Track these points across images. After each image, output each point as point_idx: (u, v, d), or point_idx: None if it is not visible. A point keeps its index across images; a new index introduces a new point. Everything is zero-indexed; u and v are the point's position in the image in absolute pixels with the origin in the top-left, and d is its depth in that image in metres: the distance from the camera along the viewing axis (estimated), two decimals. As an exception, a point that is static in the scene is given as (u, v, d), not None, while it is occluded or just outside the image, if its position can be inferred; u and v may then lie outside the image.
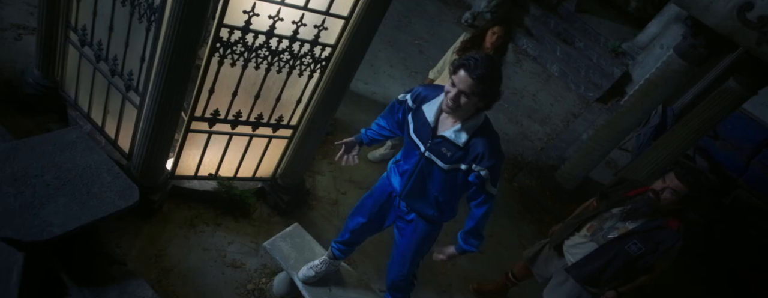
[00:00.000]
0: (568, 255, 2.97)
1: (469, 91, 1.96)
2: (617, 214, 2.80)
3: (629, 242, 2.70)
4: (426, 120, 2.15)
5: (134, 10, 2.54)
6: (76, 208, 1.72)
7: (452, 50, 3.72)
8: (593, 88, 7.35)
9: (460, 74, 1.97)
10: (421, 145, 2.19)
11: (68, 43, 2.95)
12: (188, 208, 3.13)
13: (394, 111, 2.39)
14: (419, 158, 2.22)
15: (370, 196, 2.56)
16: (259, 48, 2.64)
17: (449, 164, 2.14)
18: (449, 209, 2.40)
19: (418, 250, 2.52)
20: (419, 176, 2.27)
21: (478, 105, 2.03)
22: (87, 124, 3.11)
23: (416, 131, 2.20)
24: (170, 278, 2.68)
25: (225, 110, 2.88)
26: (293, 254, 2.74)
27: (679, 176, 2.54)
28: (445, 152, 2.12)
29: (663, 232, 2.64)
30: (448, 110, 2.02)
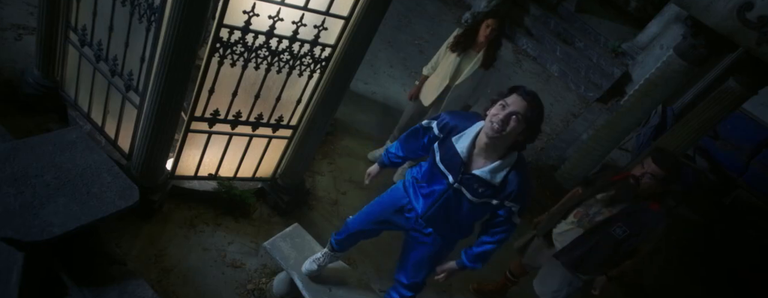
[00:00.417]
0: (557, 243, 3.04)
1: (521, 114, 1.94)
2: (601, 199, 2.86)
3: (614, 225, 2.80)
4: (456, 153, 2.10)
5: (134, 10, 2.54)
6: (76, 208, 1.72)
7: (446, 45, 3.72)
8: (593, 88, 7.35)
9: (513, 97, 1.98)
10: (449, 176, 2.15)
11: (68, 43, 2.95)
12: (188, 208, 3.13)
13: (418, 136, 2.37)
14: (446, 188, 2.18)
15: (378, 204, 2.52)
16: (259, 48, 2.64)
17: (479, 198, 2.13)
18: (468, 229, 2.42)
19: (433, 261, 2.50)
20: (445, 203, 2.24)
21: (519, 137, 2.02)
22: (87, 125, 3.12)
23: (444, 161, 2.16)
24: (170, 278, 2.68)
25: (225, 110, 2.88)
26: (293, 254, 2.74)
27: (656, 161, 2.65)
28: (477, 187, 2.10)
29: (646, 214, 2.74)
30: (494, 134, 1.96)
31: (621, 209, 2.80)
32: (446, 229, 2.36)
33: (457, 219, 2.28)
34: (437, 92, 3.75)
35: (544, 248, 3.16)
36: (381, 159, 2.58)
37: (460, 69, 3.65)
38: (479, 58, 3.60)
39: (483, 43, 3.56)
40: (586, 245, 2.89)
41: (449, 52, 3.66)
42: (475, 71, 3.63)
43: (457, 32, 3.67)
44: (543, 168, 5.39)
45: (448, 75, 3.66)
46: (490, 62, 3.63)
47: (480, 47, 3.59)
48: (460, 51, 3.61)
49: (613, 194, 2.84)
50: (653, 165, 2.65)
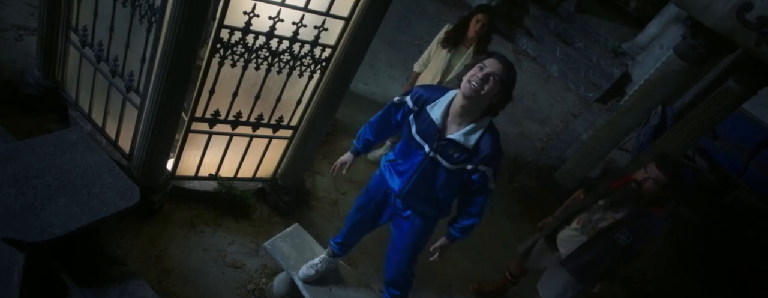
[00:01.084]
0: (561, 249, 3.04)
1: (498, 75, 2.04)
2: (604, 205, 2.87)
3: (618, 231, 2.80)
4: (432, 121, 2.17)
5: (135, 11, 2.55)
6: (76, 209, 1.73)
7: (436, 41, 3.73)
8: (593, 88, 7.35)
9: (490, 60, 2.08)
10: (425, 145, 2.21)
11: (69, 44, 2.96)
12: (189, 208, 3.13)
13: (390, 113, 2.42)
14: (423, 158, 2.24)
15: (365, 194, 2.58)
16: (259, 49, 2.64)
17: (455, 164, 2.18)
18: (446, 206, 2.45)
19: (415, 246, 2.54)
20: (421, 175, 2.29)
21: (493, 100, 2.10)
22: (87, 125, 3.12)
23: (420, 132, 2.22)
24: (170, 279, 2.69)
25: (225, 111, 2.89)
26: (293, 254, 2.75)
27: (659, 167, 2.64)
28: (452, 153, 2.16)
29: (650, 219, 2.76)
30: (473, 93, 2.04)
31: (624, 215, 2.80)
32: (424, 205, 2.40)
33: (434, 193, 2.32)
34: None
35: (547, 252, 3.16)
36: (353, 145, 2.61)
37: (451, 65, 3.68)
38: (470, 53, 3.63)
39: (473, 39, 3.59)
40: (592, 252, 2.88)
41: (440, 48, 3.68)
42: (466, 66, 3.65)
43: (447, 28, 3.68)
44: (543, 168, 5.39)
45: (439, 71, 3.69)
46: None
47: (470, 43, 3.62)
48: (450, 47, 3.64)
49: (616, 199, 2.84)
50: (656, 171, 2.65)
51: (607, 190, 2.94)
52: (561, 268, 3.06)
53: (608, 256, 2.87)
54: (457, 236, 2.41)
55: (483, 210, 2.33)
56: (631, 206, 2.80)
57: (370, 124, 2.54)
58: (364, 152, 2.65)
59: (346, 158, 2.65)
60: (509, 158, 5.39)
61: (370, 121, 2.55)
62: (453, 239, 2.44)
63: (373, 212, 2.57)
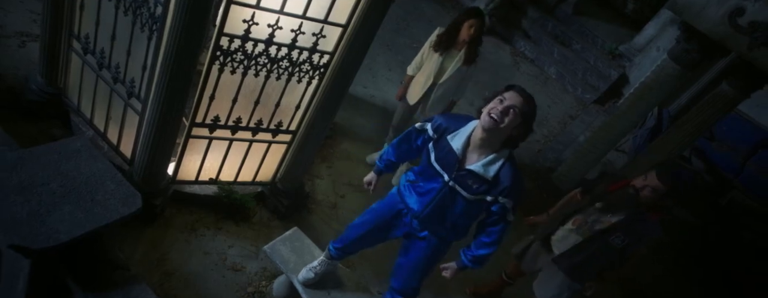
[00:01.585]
0: (555, 249, 3.10)
1: (518, 107, 2.05)
2: (600, 208, 2.91)
3: (613, 234, 2.85)
4: (451, 150, 2.18)
5: (136, 20, 2.59)
6: (81, 215, 1.78)
7: (428, 44, 3.80)
8: (590, 90, 7.40)
9: (510, 93, 2.09)
10: (444, 174, 2.22)
11: (71, 51, 3.01)
12: (189, 212, 3.18)
13: (411, 139, 2.45)
14: (442, 186, 2.25)
15: (375, 211, 2.58)
16: (258, 56, 2.69)
17: (474, 195, 2.19)
18: (463, 231, 2.48)
19: (429, 264, 2.56)
20: (440, 202, 2.30)
21: (513, 132, 2.11)
22: (90, 130, 3.17)
23: (439, 160, 2.24)
24: (172, 282, 2.74)
25: (225, 116, 2.93)
26: (293, 257, 2.80)
27: (659, 176, 2.68)
28: (471, 183, 2.17)
29: (645, 224, 2.80)
30: (493, 126, 2.05)
31: (620, 219, 2.84)
32: (441, 230, 2.42)
33: (452, 219, 2.34)
34: (423, 91, 3.86)
35: (543, 253, 3.21)
36: (377, 166, 2.65)
37: (443, 67, 3.75)
38: (461, 56, 3.70)
39: (464, 42, 3.64)
40: (585, 253, 2.94)
41: (432, 51, 3.74)
42: (458, 68, 3.73)
43: (438, 32, 3.74)
44: (540, 170, 5.44)
45: (432, 74, 3.76)
46: (472, 59, 3.73)
47: (461, 45, 3.68)
48: (442, 50, 3.70)
49: (613, 202, 2.88)
50: (656, 180, 2.68)
51: (605, 193, 2.99)
52: (556, 269, 3.11)
53: (602, 257, 2.93)
54: (469, 265, 2.40)
55: (500, 240, 2.32)
56: (627, 211, 2.84)
57: (393, 145, 2.57)
58: (388, 171, 2.67)
59: (369, 178, 2.68)
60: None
61: (392, 143, 2.58)
62: (464, 268, 2.43)
63: (384, 227, 2.56)
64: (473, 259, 2.38)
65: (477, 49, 3.73)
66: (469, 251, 2.40)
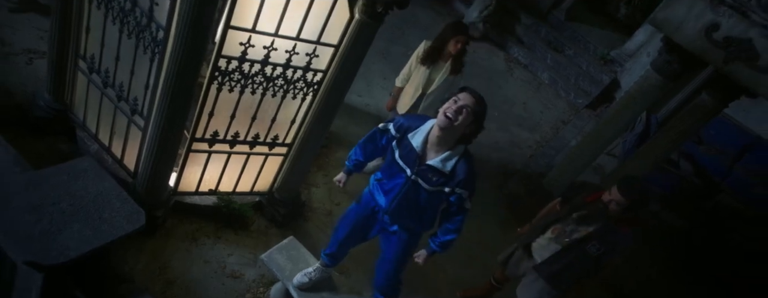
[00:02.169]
0: (536, 256, 3.26)
1: (470, 107, 2.25)
2: (577, 218, 3.09)
3: (589, 243, 3.02)
4: (412, 148, 2.39)
5: (139, 43, 2.74)
6: (89, 233, 1.92)
7: (415, 57, 3.96)
8: (582, 95, 7.54)
9: (463, 94, 2.30)
10: (407, 169, 2.43)
11: (77, 70, 3.16)
12: (190, 222, 3.33)
13: (376, 139, 2.64)
14: (405, 181, 2.46)
15: (353, 210, 2.80)
16: (254, 75, 2.84)
17: (434, 186, 2.41)
18: (429, 221, 2.68)
19: (402, 257, 2.77)
20: (405, 196, 2.52)
21: (466, 130, 2.31)
22: (95, 145, 3.32)
23: (402, 157, 2.44)
24: (174, 290, 2.89)
25: (224, 131, 3.09)
26: (289, 265, 2.95)
27: (620, 190, 2.85)
28: (431, 177, 2.38)
29: (618, 235, 2.97)
30: (448, 124, 2.25)
31: (595, 229, 3.01)
32: (409, 222, 2.63)
33: (417, 210, 2.55)
34: (412, 101, 4.03)
35: (525, 259, 3.37)
36: (346, 165, 2.83)
37: (430, 79, 3.92)
38: (447, 67, 3.86)
39: (449, 55, 3.80)
40: (564, 260, 3.10)
41: (419, 65, 3.90)
42: (445, 79, 3.89)
43: (424, 45, 3.90)
44: (532, 176, 5.58)
45: (420, 85, 3.93)
46: (458, 68, 3.90)
47: (448, 57, 3.85)
48: (429, 63, 3.85)
49: (586, 214, 3.06)
50: (618, 194, 2.86)
51: (582, 203, 3.15)
52: (537, 275, 3.26)
53: (579, 265, 3.09)
54: (436, 249, 2.64)
55: (461, 227, 2.55)
56: (600, 222, 3.01)
57: (359, 146, 2.75)
58: (356, 171, 2.84)
59: (340, 177, 2.86)
60: (499, 165, 5.59)
61: (359, 143, 2.75)
62: (432, 253, 2.67)
63: (362, 227, 2.78)
64: (440, 244, 2.62)
65: (462, 60, 3.91)
66: (436, 238, 2.64)
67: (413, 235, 2.72)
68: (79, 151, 3.34)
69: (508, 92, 6.95)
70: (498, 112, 6.38)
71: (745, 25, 3.49)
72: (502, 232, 4.78)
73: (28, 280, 1.92)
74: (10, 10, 3.91)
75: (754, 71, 3.53)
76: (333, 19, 2.77)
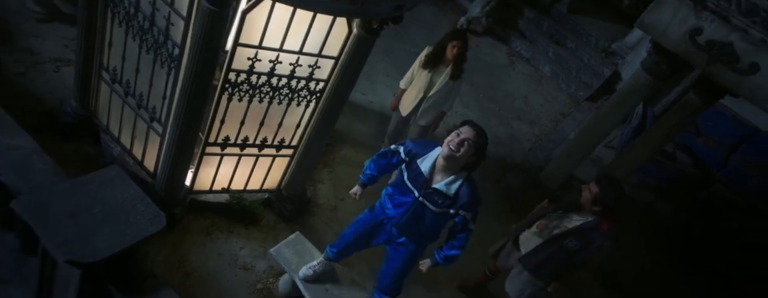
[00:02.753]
0: (523, 248, 3.53)
1: (472, 140, 2.48)
2: (560, 214, 3.33)
3: (567, 238, 3.28)
4: (420, 172, 2.63)
5: (157, 58, 3.01)
6: (118, 235, 2.21)
7: (418, 62, 4.19)
8: (583, 87, 7.68)
9: (465, 127, 2.55)
10: (415, 191, 2.68)
11: (101, 80, 3.44)
12: (205, 218, 3.63)
13: (388, 156, 2.88)
14: (413, 201, 2.71)
15: (364, 218, 3.04)
16: (261, 86, 3.10)
17: (439, 208, 2.66)
18: (433, 236, 2.95)
19: (407, 267, 3.04)
20: (413, 214, 2.77)
21: (468, 160, 2.55)
22: (117, 147, 3.62)
23: (411, 180, 2.69)
24: (191, 281, 3.20)
25: (234, 136, 3.36)
26: (295, 259, 3.24)
27: (597, 183, 3.15)
28: (437, 199, 2.63)
29: (594, 232, 3.22)
30: (449, 155, 2.49)
31: (575, 226, 3.27)
32: (416, 236, 2.88)
33: (424, 227, 2.80)
34: (414, 103, 4.27)
35: (514, 252, 3.63)
36: (360, 179, 3.07)
37: (432, 82, 4.14)
38: (448, 72, 4.08)
39: (450, 60, 4.02)
40: (544, 253, 3.36)
41: (421, 69, 4.12)
42: (445, 83, 4.11)
43: (427, 51, 4.12)
44: (530, 169, 5.79)
45: (422, 88, 4.16)
46: (458, 74, 4.11)
47: (448, 63, 4.06)
48: (430, 68, 4.07)
49: (566, 203, 3.31)
50: (593, 184, 3.15)
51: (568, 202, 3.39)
52: (522, 267, 3.53)
53: (558, 258, 3.35)
54: (440, 262, 2.88)
55: (465, 244, 2.80)
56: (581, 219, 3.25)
57: (372, 161, 2.99)
58: (370, 184, 3.08)
59: (355, 190, 3.10)
60: (498, 159, 5.80)
61: (372, 159, 3.00)
62: (436, 264, 2.91)
63: (368, 234, 3.03)
64: (444, 257, 2.86)
65: (462, 66, 4.12)
66: (441, 251, 2.88)
67: (419, 247, 2.97)
68: (103, 153, 3.64)
69: (510, 86, 7.13)
70: (499, 107, 6.58)
71: (727, 29, 3.66)
72: (499, 225, 5.01)
73: (68, 275, 2.22)
74: (38, 20, 4.19)
75: (735, 74, 3.71)
76: (333, 33, 3.00)
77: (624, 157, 5.73)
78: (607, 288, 5.08)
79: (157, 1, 2.81)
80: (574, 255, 3.28)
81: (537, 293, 3.53)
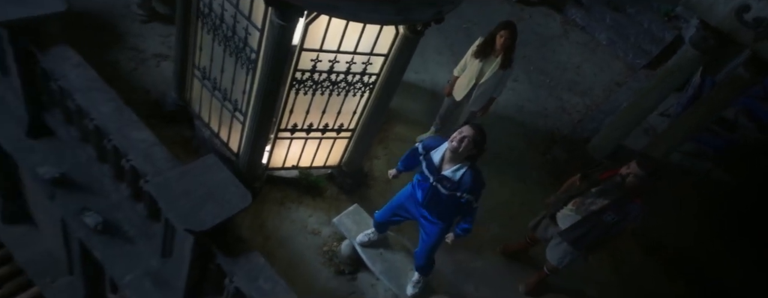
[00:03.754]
0: (560, 223, 3.90)
1: (471, 137, 3.02)
2: (595, 192, 3.66)
3: (605, 213, 3.62)
4: (433, 162, 3.20)
5: (237, 60, 3.61)
6: (218, 210, 2.88)
7: (470, 52, 4.51)
8: (642, 54, 7.57)
9: (466, 127, 3.08)
10: (430, 177, 3.24)
11: (194, 77, 4.14)
12: (279, 190, 4.31)
13: (415, 154, 3.42)
14: (430, 185, 3.28)
15: (397, 199, 3.63)
16: (323, 81, 3.64)
17: (448, 191, 3.20)
18: (452, 215, 3.46)
19: (436, 243, 3.59)
20: (432, 195, 3.33)
21: (469, 153, 3.08)
22: (207, 131, 4.34)
23: (427, 168, 3.26)
24: (270, 243, 3.91)
25: (301, 123, 3.96)
26: (354, 227, 3.86)
27: (639, 164, 3.39)
28: (446, 183, 3.18)
29: (630, 205, 3.55)
30: (454, 149, 3.04)
31: (611, 201, 3.60)
32: (437, 214, 3.44)
33: (441, 206, 3.36)
34: (466, 90, 4.63)
35: (551, 226, 4.04)
36: (398, 166, 3.65)
37: (483, 71, 4.48)
38: (498, 61, 4.39)
39: (500, 50, 4.33)
40: (583, 228, 3.73)
41: (473, 58, 4.47)
42: (495, 72, 4.44)
43: (478, 42, 4.44)
44: (577, 141, 5.97)
45: (474, 76, 4.51)
46: (507, 64, 4.42)
47: (498, 53, 4.37)
48: (482, 57, 4.41)
49: (603, 188, 3.64)
50: (636, 168, 3.43)
51: (597, 180, 3.73)
52: (561, 239, 3.94)
53: (596, 231, 3.71)
54: (460, 234, 3.45)
55: (473, 219, 3.37)
56: (615, 195, 3.59)
57: (405, 156, 3.57)
58: (405, 171, 3.66)
59: (392, 172, 3.72)
60: (545, 131, 6.05)
61: (405, 154, 3.57)
62: (457, 236, 3.48)
63: (400, 209, 3.62)
64: (462, 230, 3.43)
65: (511, 56, 4.42)
66: (458, 226, 3.45)
67: (444, 225, 3.51)
68: (197, 136, 4.38)
69: (562, 57, 7.21)
70: (549, 79, 6.73)
71: (775, 7, 3.71)
72: (543, 195, 5.33)
73: (184, 240, 2.93)
74: (141, 22, 4.95)
75: (783, 50, 3.78)
76: (382, 35, 3.46)
77: (678, 125, 5.73)
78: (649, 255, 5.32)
79: (237, 15, 3.38)
80: (612, 228, 3.64)
81: (576, 260, 3.96)
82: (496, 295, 4.50)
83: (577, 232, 3.79)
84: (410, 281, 3.80)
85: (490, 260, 4.64)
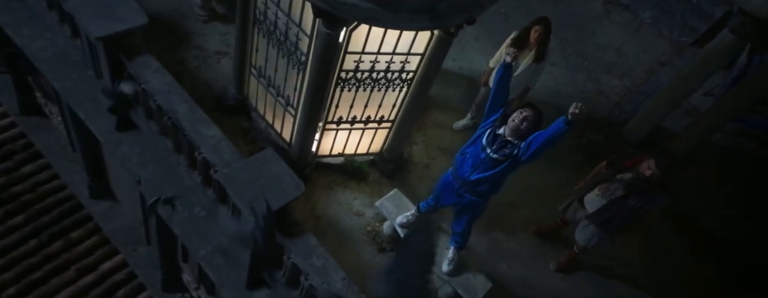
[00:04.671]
0: (588, 207, 4.18)
1: (532, 117, 3.32)
2: (620, 179, 3.90)
3: (629, 199, 3.88)
4: (498, 134, 3.42)
5: (289, 61, 4.03)
6: (277, 197, 3.35)
7: (505, 45, 4.72)
8: (688, 32, 7.41)
9: (527, 108, 3.37)
10: (488, 148, 3.43)
11: (251, 75, 4.60)
12: (326, 175, 4.76)
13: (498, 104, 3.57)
14: (486, 156, 3.46)
15: (438, 187, 3.92)
16: (365, 79, 4.01)
17: (504, 157, 3.41)
18: (498, 188, 3.71)
19: (475, 217, 3.91)
20: (482, 167, 3.51)
21: (531, 128, 3.33)
22: (263, 123, 4.83)
23: (488, 140, 3.45)
24: (321, 223, 4.40)
25: (346, 116, 4.36)
26: (395, 210, 4.28)
27: (657, 164, 3.65)
28: (505, 150, 3.39)
29: (652, 193, 3.82)
30: (514, 127, 3.33)
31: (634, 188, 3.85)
32: (482, 190, 3.65)
33: (491, 178, 3.54)
34: None
35: (580, 209, 4.31)
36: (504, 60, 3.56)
37: (517, 64, 4.69)
38: (532, 54, 4.60)
39: (534, 44, 4.53)
40: (609, 212, 4.00)
41: (508, 49, 4.67)
42: (529, 65, 4.65)
43: (513, 35, 4.65)
44: (614, 124, 6.08)
45: None
46: (541, 57, 4.62)
47: (532, 46, 4.57)
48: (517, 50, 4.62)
49: (629, 183, 3.88)
50: (654, 166, 3.70)
51: (623, 167, 3.98)
52: (589, 222, 4.23)
53: (622, 215, 3.98)
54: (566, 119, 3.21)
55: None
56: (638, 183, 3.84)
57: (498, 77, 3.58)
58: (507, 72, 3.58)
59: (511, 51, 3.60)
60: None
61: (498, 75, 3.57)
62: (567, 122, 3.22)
63: (443, 196, 3.90)
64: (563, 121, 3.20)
65: (544, 50, 4.61)
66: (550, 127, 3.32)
67: (484, 200, 3.77)
68: (253, 127, 4.88)
69: (602, 39, 7.19)
70: (588, 62, 6.76)
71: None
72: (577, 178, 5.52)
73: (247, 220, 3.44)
74: (203, 22, 5.45)
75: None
76: (418, 37, 3.77)
77: (719, 106, 5.70)
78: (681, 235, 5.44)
79: (289, 23, 3.78)
80: (636, 212, 3.91)
81: (603, 241, 4.25)
82: (528, 272, 4.80)
83: (604, 215, 4.06)
84: (446, 258, 4.21)
85: (523, 240, 4.93)
